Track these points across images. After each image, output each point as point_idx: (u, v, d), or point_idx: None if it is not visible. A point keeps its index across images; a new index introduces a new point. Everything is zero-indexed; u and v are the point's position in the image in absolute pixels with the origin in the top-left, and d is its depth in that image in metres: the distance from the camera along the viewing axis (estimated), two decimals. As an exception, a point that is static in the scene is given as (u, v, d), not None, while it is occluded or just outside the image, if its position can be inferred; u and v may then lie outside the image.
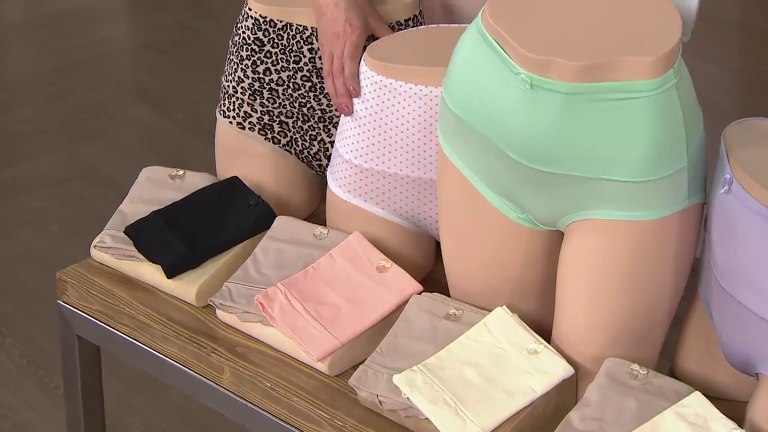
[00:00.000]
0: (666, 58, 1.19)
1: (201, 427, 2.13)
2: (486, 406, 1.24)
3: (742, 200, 1.19)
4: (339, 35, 1.42)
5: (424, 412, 1.24)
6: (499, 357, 1.28)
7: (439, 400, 1.24)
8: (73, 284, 1.50)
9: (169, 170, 1.58)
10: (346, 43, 1.41)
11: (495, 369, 1.27)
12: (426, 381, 1.26)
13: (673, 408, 1.20)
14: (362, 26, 1.43)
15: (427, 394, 1.25)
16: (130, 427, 2.14)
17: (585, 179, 1.23)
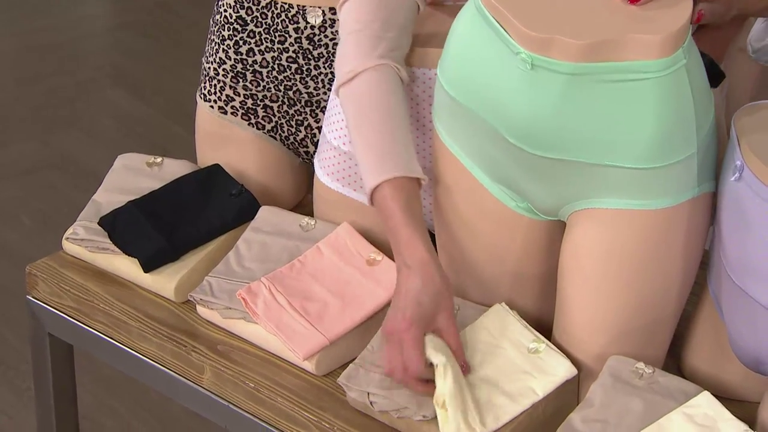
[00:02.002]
0: (675, 37, 1.18)
1: (182, 430, 2.13)
2: (486, 410, 1.24)
3: (754, 188, 1.18)
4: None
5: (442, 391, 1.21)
6: (497, 357, 1.28)
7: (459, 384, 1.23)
8: (43, 279, 1.49)
9: (146, 157, 1.57)
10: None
11: (494, 371, 1.27)
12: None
13: (681, 409, 1.20)
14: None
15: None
16: (104, 429, 2.13)
17: (588, 165, 1.23)
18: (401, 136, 1.29)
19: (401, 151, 1.28)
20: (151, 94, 3.14)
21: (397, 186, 1.26)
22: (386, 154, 1.28)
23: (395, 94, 1.31)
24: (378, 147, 1.28)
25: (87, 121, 3.06)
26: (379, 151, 1.28)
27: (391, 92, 1.30)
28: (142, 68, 3.30)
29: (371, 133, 1.29)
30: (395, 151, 1.27)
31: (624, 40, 1.18)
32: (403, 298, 1.24)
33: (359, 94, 1.31)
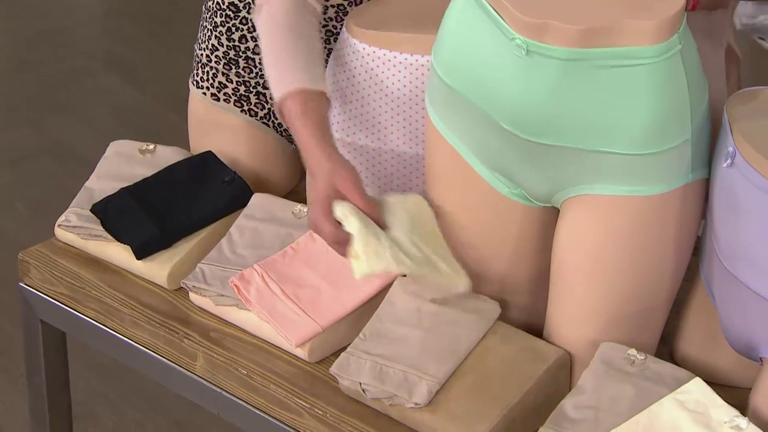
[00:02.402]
0: (670, 23, 1.18)
1: (175, 417, 2.13)
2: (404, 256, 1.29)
3: (745, 174, 1.18)
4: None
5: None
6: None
7: None
8: (36, 266, 1.49)
9: (139, 144, 1.57)
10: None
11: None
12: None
13: (673, 395, 1.20)
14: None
15: None
16: (99, 417, 2.13)
17: (582, 152, 1.23)
18: (305, 52, 1.34)
19: (303, 66, 1.32)
20: (145, 81, 3.13)
21: (300, 98, 1.32)
22: (289, 69, 1.34)
23: (303, 16, 1.36)
24: (282, 63, 1.35)
25: (80, 107, 3.05)
26: (282, 67, 1.35)
27: (299, 15, 1.36)
28: (136, 55, 3.29)
29: (278, 50, 1.35)
30: (297, 66, 1.33)
31: (619, 26, 1.17)
32: (308, 194, 1.34)
33: (269, 17, 1.36)
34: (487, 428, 1.23)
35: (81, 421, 2.11)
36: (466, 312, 1.32)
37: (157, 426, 2.12)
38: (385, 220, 1.31)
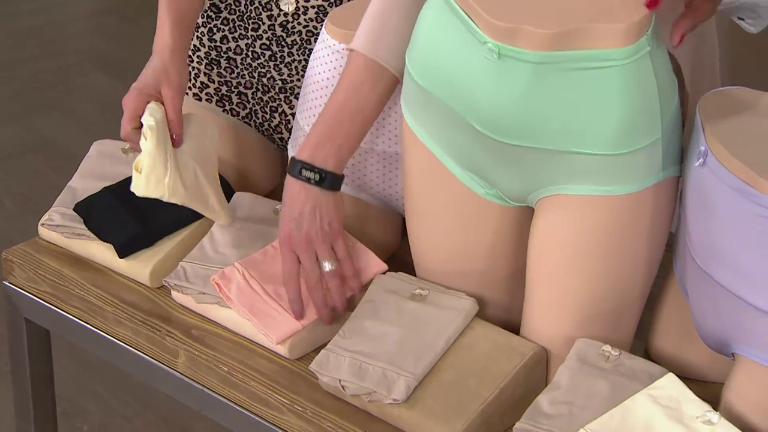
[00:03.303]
0: (638, 26, 1.19)
1: (162, 413, 2.14)
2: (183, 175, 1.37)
3: (717, 173, 1.19)
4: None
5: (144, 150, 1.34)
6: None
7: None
8: (19, 264, 1.50)
9: (121, 144, 1.57)
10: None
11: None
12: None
13: (646, 390, 1.21)
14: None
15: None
16: (87, 413, 2.14)
17: (555, 152, 1.24)
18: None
19: None
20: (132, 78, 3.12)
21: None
22: None
23: None
24: None
25: (69, 105, 3.05)
26: None
27: None
28: (125, 52, 3.29)
29: None
30: None
31: (589, 29, 1.19)
32: (141, 74, 1.41)
33: None
34: (464, 423, 1.24)
35: (69, 417, 2.12)
36: (444, 309, 1.33)
37: (144, 421, 2.13)
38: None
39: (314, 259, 1.33)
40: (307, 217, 1.32)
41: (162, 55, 1.41)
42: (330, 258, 1.33)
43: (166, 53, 1.41)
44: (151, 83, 1.40)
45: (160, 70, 1.40)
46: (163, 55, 1.41)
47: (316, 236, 1.32)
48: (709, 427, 1.18)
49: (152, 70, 1.41)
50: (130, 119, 1.39)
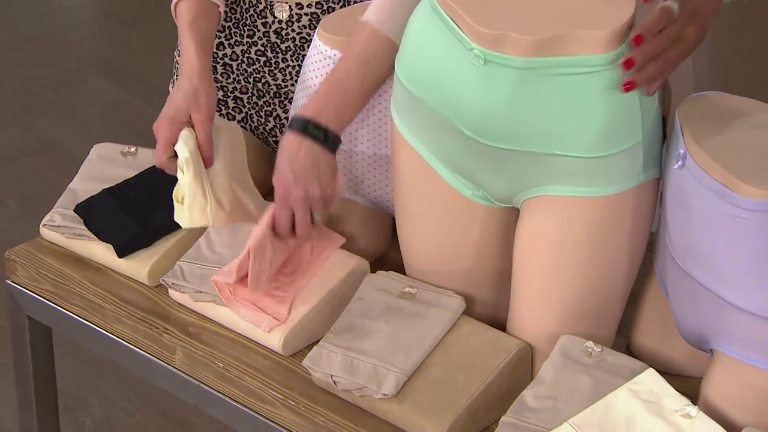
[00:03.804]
0: (619, 32, 1.20)
1: (162, 407, 2.14)
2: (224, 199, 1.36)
3: (696, 175, 1.20)
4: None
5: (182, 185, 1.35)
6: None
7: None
8: (22, 264, 1.50)
9: (120, 147, 1.58)
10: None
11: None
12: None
13: (627, 385, 1.22)
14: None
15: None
16: (89, 407, 2.14)
17: (539, 155, 1.24)
18: None
19: None
20: (133, 82, 3.13)
21: (191, 4, 1.41)
22: None
23: None
24: None
25: (71, 108, 3.05)
26: None
27: None
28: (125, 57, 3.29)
29: None
30: None
31: (572, 36, 1.19)
32: (168, 99, 1.39)
33: None
34: (452, 418, 1.24)
35: (72, 411, 2.13)
36: (433, 307, 1.33)
37: (144, 415, 2.13)
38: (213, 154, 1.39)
39: (308, 213, 1.32)
40: (306, 173, 1.30)
41: (191, 79, 1.38)
42: (321, 210, 1.32)
43: (195, 76, 1.38)
44: (183, 109, 1.36)
45: (190, 95, 1.37)
46: (192, 79, 1.38)
47: (314, 191, 1.30)
48: (688, 420, 1.18)
49: (183, 95, 1.37)
50: (164, 149, 1.36)
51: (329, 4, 1.53)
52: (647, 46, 1.18)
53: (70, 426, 2.09)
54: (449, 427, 1.24)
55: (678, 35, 1.19)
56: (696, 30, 1.19)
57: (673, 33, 1.18)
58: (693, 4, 1.19)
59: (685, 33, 1.19)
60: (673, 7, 1.18)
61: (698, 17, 1.20)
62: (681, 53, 1.20)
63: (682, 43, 1.19)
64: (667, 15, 1.18)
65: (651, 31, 1.17)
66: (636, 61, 1.17)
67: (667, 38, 1.18)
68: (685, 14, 1.19)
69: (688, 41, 1.20)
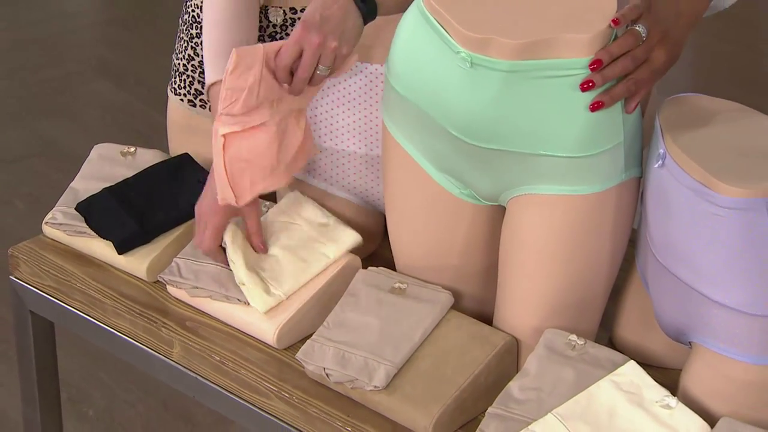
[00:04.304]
0: (602, 36, 1.20)
1: (162, 398, 2.14)
2: (285, 277, 1.35)
3: (675, 175, 1.20)
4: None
5: (238, 277, 1.35)
6: (293, 230, 1.40)
7: (252, 269, 1.35)
8: (25, 260, 1.49)
9: (120, 147, 1.57)
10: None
11: (290, 241, 1.38)
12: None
13: (609, 377, 1.21)
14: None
15: (243, 258, 1.35)
16: (93, 399, 2.14)
17: (524, 155, 1.24)
18: (240, 40, 1.36)
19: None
20: (134, 85, 3.13)
21: None
22: (222, 54, 1.35)
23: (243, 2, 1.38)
24: (215, 47, 1.37)
25: (74, 110, 3.05)
26: (215, 51, 1.37)
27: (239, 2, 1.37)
28: (126, 61, 3.28)
29: (214, 33, 1.37)
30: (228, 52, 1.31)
31: (556, 40, 1.19)
32: (210, 184, 1.34)
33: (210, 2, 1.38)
34: (440, 408, 1.24)
35: (76, 402, 2.12)
36: (422, 302, 1.33)
37: (146, 406, 2.13)
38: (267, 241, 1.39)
39: (316, 60, 1.25)
40: (332, 23, 1.23)
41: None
42: (328, 64, 1.25)
43: None
44: (226, 207, 1.34)
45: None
46: None
47: (332, 42, 1.23)
48: (667, 410, 1.18)
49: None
50: (214, 238, 1.35)
51: (322, 9, 1.52)
52: (609, 68, 1.17)
53: (74, 417, 2.09)
54: (438, 418, 1.24)
55: (648, 56, 1.18)
56: (667, 52, 1.19)
57: (640, 55, 1.18)
58: (663, 27, 1.18)
59: (656, 55, 1.19)
60: (641, 31, 1.17)
61: (669, 40, 1.19)
62: (652, 74, 1.19)
63: (653, 64, 1.19)
64: (632, 38, 1.17)
65: (612, 54, 1.17)
66: (596, 83, 1.17)
67: (633, 60, 1.18)
68: (655, 37, 1.18)
69: (660, 62, 1.19)
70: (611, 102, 1.19)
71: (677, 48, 1.20)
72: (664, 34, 1.18)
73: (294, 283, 1.36)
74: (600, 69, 1.17)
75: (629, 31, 1.18)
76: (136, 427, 2.09)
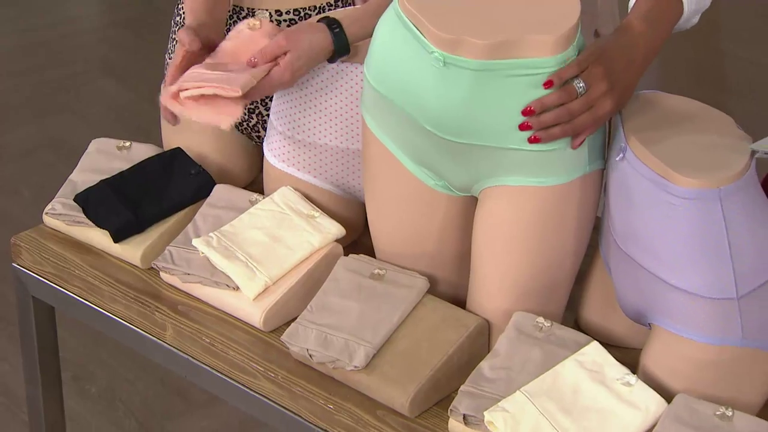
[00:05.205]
0: (566, 37, 1.18)
1: (160, 376, 2.12)
2: (271, 260, 1.33)
3: (635, 167, 1.19)
4: None
5: (220, 268, 1.33)
6: (282, 220, 1.37)
7: (232, 257, 1.33)
8: (27, 249, 1.48)
9: (116, 142, 1.55)
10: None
11: (279, 229, 1.35)
12: (221, 243, 1.35)
13: (573, 357, 1.21)
14: None
15: (222, 252, 1.33)
16: (95, 377, 2.12)
17: (494, 149, 1.23)
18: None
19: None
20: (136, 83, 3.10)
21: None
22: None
23: None
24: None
25: (79, 107, 3.02)
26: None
27: None
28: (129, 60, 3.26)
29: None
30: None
31: (523, 40, 1.17)
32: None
33: None
34: (416, 387, 1.23)
35: (79, 380, 2.11)
36: (399, 287, 1.32)
37: (145, 384, 2.12)
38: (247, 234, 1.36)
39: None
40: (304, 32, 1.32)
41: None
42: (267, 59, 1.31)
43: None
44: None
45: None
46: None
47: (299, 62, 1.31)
48: (627, 388, 1.17)
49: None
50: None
51: (306, 11, 1.51)
52: (544, 116, 1.17)
53: (77, 394, 2.08)
54: (414, 396, 1.23)
55: (589, 107, 1.17)
56: (614, 101, 1.18)
57: (577, 107, 1.17)
58: (613, 79, 1.17)
59: (601, 104, 1.18)
60: (578, 88, 1.17)
61: (618, 90, 1.18)
62: (595, 121, 1.19)
63: (596, 112, 1.18)
64: (566, 94, 1.17)
65: (544, 105, 1.17)
66: (532, 126, 1.17)
67: (568, 112, 1.17)
68: (600, 89, 1.17)
69: (604, 111, 1.18)
70: (549, 140, 1.19)
71: (626, 94, 1.20)
72: (613, 86, 1.17)
73: (279, 268, 1.34)
74: (534, 115, 1.17)
75: (565, 87, 1.17)
76: (136, 403, 2.08)
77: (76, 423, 2.01)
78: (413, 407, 1.23)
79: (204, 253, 1.36)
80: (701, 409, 1.15)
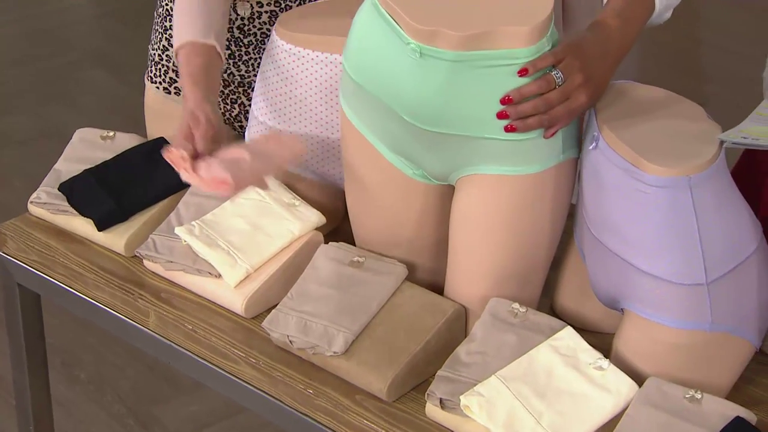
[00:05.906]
0: (540, 28, 1.17)
1: (148, 362, 2.12)
2: (252, 248, 1.32)
3: (607, 155, 1.17)
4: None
5: (202, 255, 1.32)
6: (263, 208, 1.35)
7: (214, 245, 1.32)
8: (12, 237, 1.46)
9: (100, 131, 1.54)
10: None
11: (260, 218, 1.34)
12: (203, 231, 1.33)
13: (548, 342, 1.20)
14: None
15: (204, 240, 1.32)
16: (84, 363, 2.11)
17: (470, 138, 1.21)
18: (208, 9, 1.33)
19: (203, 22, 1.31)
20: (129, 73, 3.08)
21: (192, 50, 1.31)
22: (188, 23, 1.33)
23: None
24: (185, 13, 1.33)
25: (73, 97, 3.00)
26: (184, 19, 1.33)
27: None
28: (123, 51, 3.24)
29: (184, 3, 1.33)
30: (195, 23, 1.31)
31: (498, 32, 1.16)
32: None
33: None
34: (394, 372, 1.22)
35: (68, 366, 2.10)
36: (378, 274, 1.30)
37: (134, 370, 2.11)
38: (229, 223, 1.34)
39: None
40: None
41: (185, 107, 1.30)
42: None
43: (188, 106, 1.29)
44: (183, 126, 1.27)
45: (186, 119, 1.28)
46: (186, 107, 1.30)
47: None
48: (600, 372, 1.17)
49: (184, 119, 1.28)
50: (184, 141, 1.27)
51: (286, 2, 1.49)
52: (522, 105, 1.16)
53: (66, 379, 2.07)
54: (392, 381, 1.22)
55: (566, 98, 1.16)
56: (589, 94, 1.17)
57: (555, 98, 1.16)
58: (588, 71, 1.16)
59: (576, 96, 1.16)
60: (556, 78, 1.15)
61: (593, 82, 1.17)
62: (569, 113, 1.17)
63: (571, 104, 1.17)
64: (545, 83, 1.16)
65: (522, 94, 1.16)
66: (509, 116, 1.16)
67: (545, 102, 1.16)
68: (577, 81, 1.16)
69: (578, 103, 1.17)
70: (525, 129, 1.17)
71: (601, 88, 1.19)
72: (588, 78, 1.16)
73: (260, 256, 1.33)
74: (512, 104, 1.16)
75: (544, 76, 1.16)
76: (124, 388, 2.07)
77: (65, 408, 2.00)
78: (391, 392, 1.22)
79: (186, 242, 1.34)
80: (671, 392, 1.14)
